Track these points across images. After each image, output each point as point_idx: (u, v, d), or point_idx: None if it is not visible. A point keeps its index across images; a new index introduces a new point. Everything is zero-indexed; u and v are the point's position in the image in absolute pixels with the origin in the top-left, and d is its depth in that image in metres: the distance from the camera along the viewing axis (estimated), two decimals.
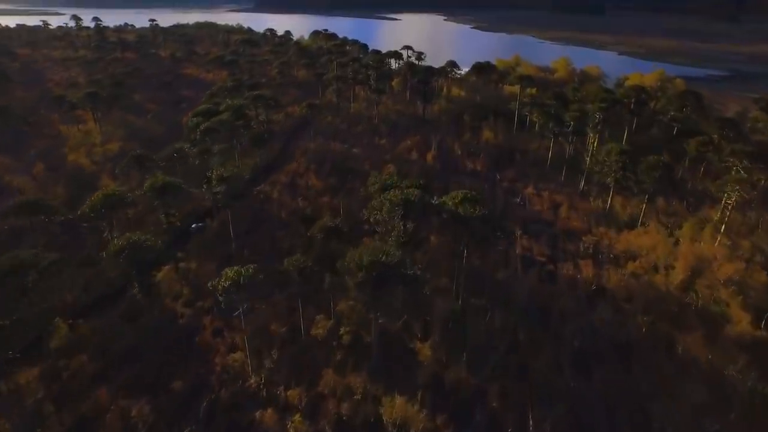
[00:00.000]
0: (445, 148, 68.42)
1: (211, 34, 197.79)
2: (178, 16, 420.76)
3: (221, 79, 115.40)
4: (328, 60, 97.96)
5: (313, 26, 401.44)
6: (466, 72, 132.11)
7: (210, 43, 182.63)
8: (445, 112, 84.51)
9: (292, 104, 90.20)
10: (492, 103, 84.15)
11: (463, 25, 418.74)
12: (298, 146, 71.12)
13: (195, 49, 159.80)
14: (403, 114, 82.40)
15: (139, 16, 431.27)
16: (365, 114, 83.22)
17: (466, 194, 33.06)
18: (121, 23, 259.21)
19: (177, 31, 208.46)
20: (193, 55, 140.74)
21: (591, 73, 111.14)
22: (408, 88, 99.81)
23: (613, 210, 49.72)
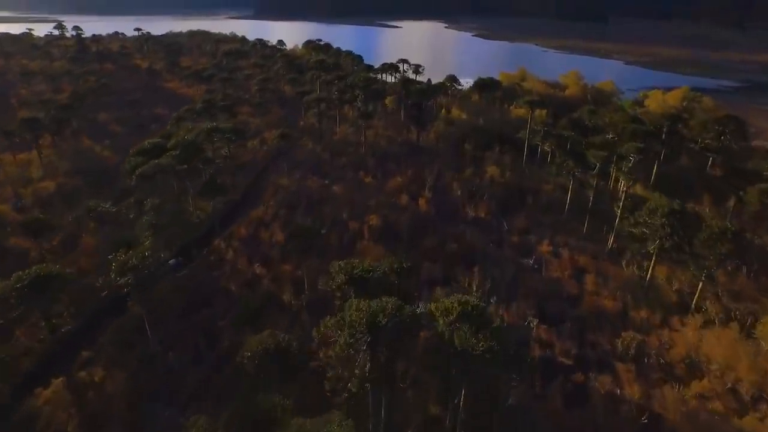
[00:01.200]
0: (442, 186, 57.75)
1: (202, 44, 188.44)
2: (178, 23, 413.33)
3: (202, 95, 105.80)
4: (313, 76, 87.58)
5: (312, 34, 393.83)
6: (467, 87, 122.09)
7: (199, 53, 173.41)
8: (444, 136, 73.98)
9: (272, 127, 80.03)
10: (497, 128, 73.67)
11: (465, 33, 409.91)
12: (270, 182, 60.71)
13: (180, 60, 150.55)
14: (394, 141, 71.85)
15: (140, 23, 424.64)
16: (352, 140, 72.75)
17: (464, 305, 22.24)
18: (112, 31, 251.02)
19: (167, 40, 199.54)
20: (175, 67, 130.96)
21: (604, 89, 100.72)
22: (402, 108, 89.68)
23: (655, 282, 38.81)
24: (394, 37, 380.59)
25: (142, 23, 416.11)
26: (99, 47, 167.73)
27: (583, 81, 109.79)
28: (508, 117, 78.30)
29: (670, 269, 39.62)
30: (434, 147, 70.22)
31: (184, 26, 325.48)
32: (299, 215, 51.09)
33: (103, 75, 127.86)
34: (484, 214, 51.14)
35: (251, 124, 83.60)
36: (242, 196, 57.67)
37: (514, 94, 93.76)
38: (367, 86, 70.07)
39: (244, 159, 68.43)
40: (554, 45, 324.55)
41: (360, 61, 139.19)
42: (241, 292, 38.68)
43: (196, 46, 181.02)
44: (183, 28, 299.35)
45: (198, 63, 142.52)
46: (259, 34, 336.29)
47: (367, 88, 70.17)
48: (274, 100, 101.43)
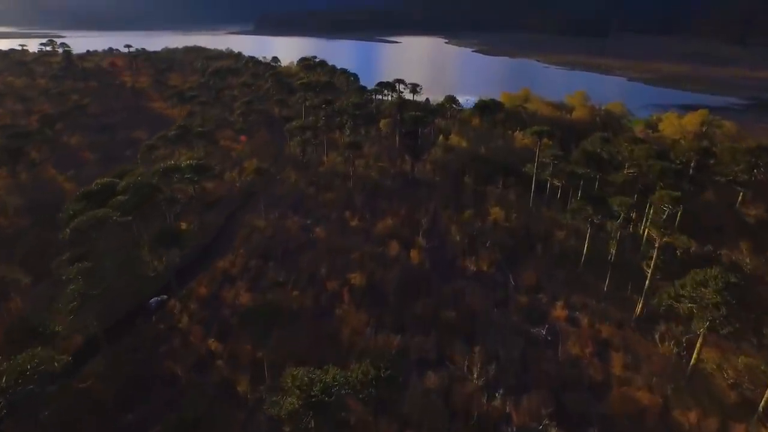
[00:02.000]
0: (438, 230, 50.57)
1: (194, 61, 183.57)
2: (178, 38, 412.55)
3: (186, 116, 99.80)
4: (299, 99, 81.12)
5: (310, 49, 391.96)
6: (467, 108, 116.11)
7: (190, 70, 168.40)
8: (442, 166, 67.10)
9: (255, 154, 73.36)
10: (500, 158, 66.82)
11: (465, 49, 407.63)
12: (245, 223, 53.64)
13: (169, 77, 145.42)
14: (387, 172, 64.85)
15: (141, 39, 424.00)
16: (341, 170, 65.81)
17: None
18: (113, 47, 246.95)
19: (160, 57, 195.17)
20: (162, 85, 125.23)
21: (614, 111, 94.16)
22: (397, 133, 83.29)
23: (702, 369, 31.26)
24: (393, 53, 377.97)
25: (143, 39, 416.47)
26: (85, 64, 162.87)
27: (590, 102, 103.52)
28: (512, 145, 71.44)
29: (720, 351, 32.08)
30: (431, 179, 63.25)
31: (184, 42, 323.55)
32: (272, 268, 43.85)
33: (87, 93, 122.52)
34: (486, 266, 43.79)
35: (233, 151, 77.11)
36: (212, 240, 50.55)
37: (518, 117, 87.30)
38: (357, 112, 63.34)
39: (218, 193, 61.54)
40: (555, 61, 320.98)
41: (355, 80, 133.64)
42: (189, 379, 31.25)
43: (188, 63, 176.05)
44: (183, 44, 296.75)
45: (187, 81, 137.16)
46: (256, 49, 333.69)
47: (357, 113, 63.44)
48: (262, 122, 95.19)
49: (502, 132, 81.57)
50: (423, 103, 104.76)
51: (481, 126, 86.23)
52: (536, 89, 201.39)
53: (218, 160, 72.51)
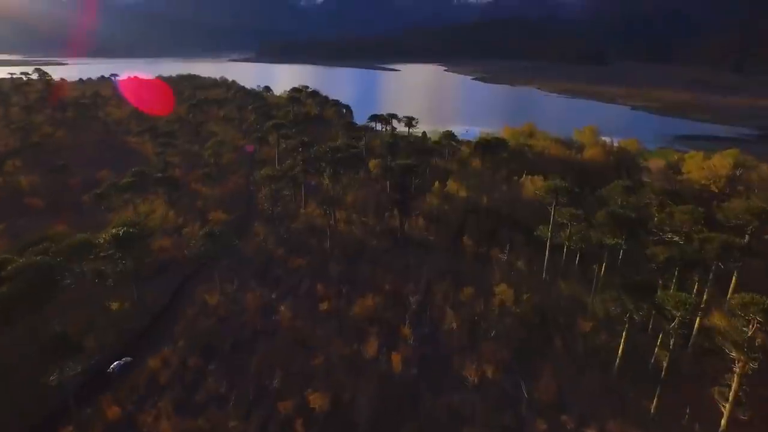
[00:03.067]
0: (431, 313, 40.42)
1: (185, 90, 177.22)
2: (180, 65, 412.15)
3: None
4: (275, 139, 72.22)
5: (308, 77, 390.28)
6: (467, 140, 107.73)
7: (179, 100, 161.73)
8: (437, 219, 57.46)
9: (222, 205, 63.93)
10: (506, 209, 57.23)
11: (465, 76, 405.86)
12: (196, 298, 43.69)
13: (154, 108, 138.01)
14: (372, 229, 55.07)
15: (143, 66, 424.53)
16: (319, 224, 56.10)
17: None
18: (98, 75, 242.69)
19: None
20: (142, 118, 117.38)
21: (629, 149, 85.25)
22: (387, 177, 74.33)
23: None
24: (391, 81, 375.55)
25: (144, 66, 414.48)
26: (72, 93, 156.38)
27: (600, 137, 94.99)
28: (519, 193, 61.92)
29: None
30: (424, 238, 53.43)
31: (185, 69, 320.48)
32: (213, 373, 33.63)
33: (62, 125, 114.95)
34: (491, 370, 33.45)
35: (200, 199, 67.68)
36: (150, 324, 40.41)
37: (523, 157, 78.36)
38: (340, 154, 54.14)
39: (171, 254, 51.75)
40: (556, 89, 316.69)
41: (348, 112, 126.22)
42: None
43: (178, 93, 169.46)
44: (184, 71, 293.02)
45: (173, 112, 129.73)
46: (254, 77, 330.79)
47: (340, 156, 54.25)
48: (242, 161, 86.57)
49: (506, 175, 72.32)
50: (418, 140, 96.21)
51: (482, 167, 77.19)
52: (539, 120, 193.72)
53: (182, 210, 63.23)
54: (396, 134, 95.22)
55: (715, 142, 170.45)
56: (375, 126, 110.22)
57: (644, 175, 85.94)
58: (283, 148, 65.06)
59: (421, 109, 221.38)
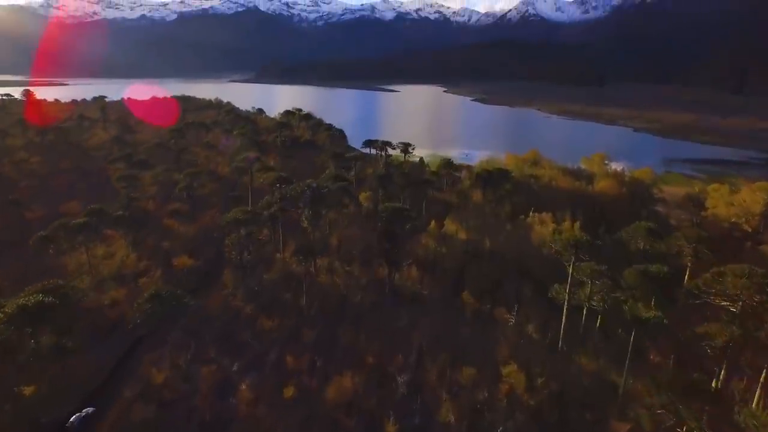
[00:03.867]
0: (422, 397, 32.59)
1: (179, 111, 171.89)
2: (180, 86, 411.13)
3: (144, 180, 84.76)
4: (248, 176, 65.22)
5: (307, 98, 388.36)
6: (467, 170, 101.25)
7: None
8: (433, 267, 49.97)
9: (188, 249, 56.61)
10: (511, 255, 49.85)
11: (464, 98, 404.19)
12: (138, 373, 35.94)
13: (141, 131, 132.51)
14: (358, 281, 47.47)
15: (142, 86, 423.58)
16: (296, 274, 48.50)
17: None
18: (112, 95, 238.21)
19: None
20: (123, 142, 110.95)
21: (643, 180, 78.38)
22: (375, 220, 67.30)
23: None
24: (390, 102, 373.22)
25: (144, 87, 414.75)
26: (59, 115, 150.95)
27: (610, 165, 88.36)
28: (526, 232, 54.55)
29: None
30: (417, 291, 45.79)
31: (185, 90, 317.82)
32: None
33: (41, 150, 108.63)
34: None
35: (167, 240, 60.40)
36: (77, 411, 32.51)
37: (528, 189, 71.47)
38: (321, 194, 46.96)
39: (123, 309, 44.05)
40: (556, 110, 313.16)
41: (341, 136, 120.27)
42: None
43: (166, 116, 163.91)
44: (184, 92, 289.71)
45: (156, 136, 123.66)
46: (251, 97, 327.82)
47: (321, 196, 47.08)
48: (223, 193, 79.60)
49: (510, 211, 65.18)
50: (414, 168, 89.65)
51: (483, 200, 70.20)
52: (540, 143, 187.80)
53: (146, 252, 55.89)
54: (390, 162, 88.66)
55: (721, 165, 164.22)
56: (370, 151, 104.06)
57: (661, 208, 79.01)
58: (261, 181, 58.00)
59: (419, 131, 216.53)
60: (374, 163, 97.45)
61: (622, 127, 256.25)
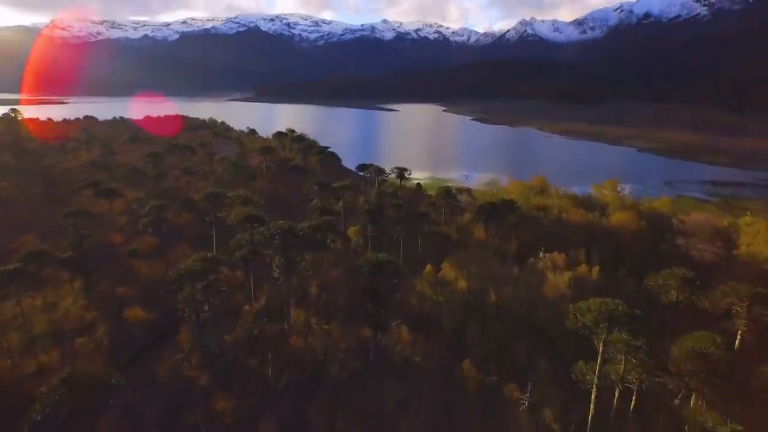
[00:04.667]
0: None
1: None
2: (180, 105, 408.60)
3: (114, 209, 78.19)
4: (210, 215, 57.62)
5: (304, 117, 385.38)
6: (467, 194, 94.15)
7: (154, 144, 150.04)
8: (427, 324, 42.16)
9: (138, 301, 48.78)
10: (521, 310, 42.08)
11: (463, 117, 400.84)
12: None
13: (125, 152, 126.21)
14: (336, 343, 39.51)
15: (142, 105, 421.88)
16: (266, 332, 40.59)
17: None
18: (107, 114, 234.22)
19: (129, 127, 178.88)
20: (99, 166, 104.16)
21: (662, 212, 71.06)
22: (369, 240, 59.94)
23: None
24: (389, 122, 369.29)
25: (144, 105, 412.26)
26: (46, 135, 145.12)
27: (624, 194, 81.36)
28: (536, 278, 46.79)
29: None
30: (407, 358, 37.84)
31: (185, 109, 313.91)
32: None
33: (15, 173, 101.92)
34: None
35: (129, 280, 52.75)
36: None
37: (537, 223, 64.00)
38: (293, 240, 39.43)
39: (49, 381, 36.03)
40: (558, 129, 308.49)
41: (333, 159, 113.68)
42: None
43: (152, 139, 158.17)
44: (183, 111, 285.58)
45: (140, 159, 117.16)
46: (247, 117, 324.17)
47: (293, 242, 39.55)
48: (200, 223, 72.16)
49: (516, 249, 57.61)
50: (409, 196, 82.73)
51: (486, 235, 62.69)
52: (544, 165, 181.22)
53: (97, 301, 48.17)
54: (383, 191, 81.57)
55: (732, 187, 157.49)
56: (364, 174, 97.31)
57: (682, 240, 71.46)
58: (232, 217, 50.53)
59: (418, 152, 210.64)
60: (367, 190, 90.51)
61: (625, 147, 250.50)
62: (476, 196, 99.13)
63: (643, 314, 31.17)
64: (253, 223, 47.26)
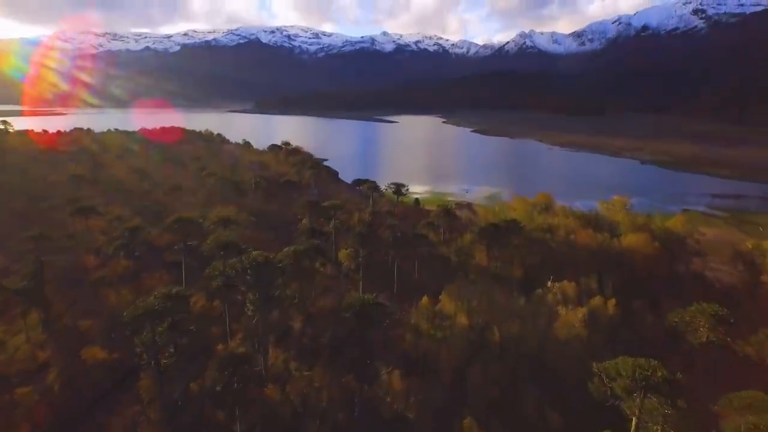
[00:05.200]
0: None
1: None
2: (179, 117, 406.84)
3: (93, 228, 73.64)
4: None
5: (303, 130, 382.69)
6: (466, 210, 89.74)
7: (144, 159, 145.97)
8: (423, 367, 37.10)
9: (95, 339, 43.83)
10: (529, 349, 37.14)
11: (463, 128, 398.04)
12: None
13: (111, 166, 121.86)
14: (318, 392, 34.42)
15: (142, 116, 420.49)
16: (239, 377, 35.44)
17: None
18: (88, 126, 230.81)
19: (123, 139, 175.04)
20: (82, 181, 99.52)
21: (676, 231, 66.22)
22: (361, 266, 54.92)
23: None
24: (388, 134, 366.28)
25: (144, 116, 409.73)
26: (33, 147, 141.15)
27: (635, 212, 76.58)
28: (545, 310, 41.85)
29: None
30: (399, 412, 32.76)
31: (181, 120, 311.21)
32: None
33: None
34: None
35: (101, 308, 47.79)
36: None
37: (543, 244, 59.22)
38: (269, 274, 34.59)
39: None
40: (558, 141, 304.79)
41: (329, 174, 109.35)
42: None
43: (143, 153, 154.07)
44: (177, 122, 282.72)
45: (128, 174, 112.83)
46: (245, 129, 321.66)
47: (269, 276, 34.71)
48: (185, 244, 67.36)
49: (521, 275, 52.80)
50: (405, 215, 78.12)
51: (488, 258, 57.88)
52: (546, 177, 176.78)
53: (55, 337, 43.18)
54: (378, 211, 76.95)
55: (741, 200, 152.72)
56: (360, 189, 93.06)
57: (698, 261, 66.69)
58: (208, 243, 45.67)
59: (417, 165, 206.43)
60: (363, 206, 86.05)
61: (628, 159, 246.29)
62: (477, 211, 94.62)
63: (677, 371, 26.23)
64: (229, 251, 42.43)
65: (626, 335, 42.21)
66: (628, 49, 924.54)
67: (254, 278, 33.13)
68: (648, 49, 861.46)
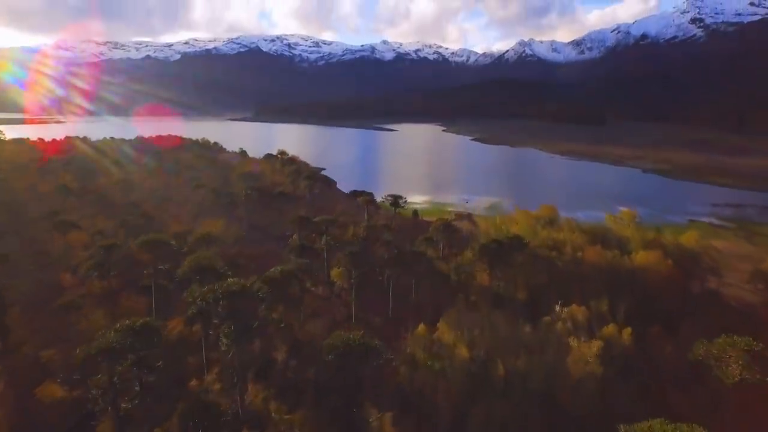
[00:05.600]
0: None
1: None
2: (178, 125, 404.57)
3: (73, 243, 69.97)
4: None
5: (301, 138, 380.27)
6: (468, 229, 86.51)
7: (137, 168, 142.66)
8: (418, 409, 33.16)
9: None
10: (537, 385, 33.27)
11: (463, 137, 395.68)
12: None
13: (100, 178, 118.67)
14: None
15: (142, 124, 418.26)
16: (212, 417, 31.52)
17: None
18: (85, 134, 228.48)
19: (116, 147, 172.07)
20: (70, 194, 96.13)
21: (690, 248, 62.56)
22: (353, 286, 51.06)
23: None
24: (387, 142, 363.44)
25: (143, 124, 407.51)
26: None
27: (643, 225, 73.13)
28: (553, 345, 37.96)
29: None
30: None
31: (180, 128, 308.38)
32: None
33: None
34: None
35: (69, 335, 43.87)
36: None
37: (549, 263, 55.50)
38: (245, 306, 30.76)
39: None
40: (559, 150, 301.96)
41: (325, 185, 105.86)
42: None
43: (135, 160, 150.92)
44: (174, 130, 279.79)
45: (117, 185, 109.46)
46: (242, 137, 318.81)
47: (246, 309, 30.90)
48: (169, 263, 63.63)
49: (525, 297, 49.00)
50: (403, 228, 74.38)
51: (489, 281, 54.09)
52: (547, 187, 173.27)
53: (10, 370, 39.24)
54: (374, 224, 73.28)
55: (746, 210, 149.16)
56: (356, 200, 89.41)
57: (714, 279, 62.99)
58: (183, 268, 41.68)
59: (417, 174, 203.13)
60: (360, 218, 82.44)
61: (629, 167, 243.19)
62: (478, 223, 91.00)
63: None
64: (205, 275, 38.63)
65: (642, 366, 38.43)
66: (627, 57, 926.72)
67: (228, 310, 29.37)
68: (647, 57, 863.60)
